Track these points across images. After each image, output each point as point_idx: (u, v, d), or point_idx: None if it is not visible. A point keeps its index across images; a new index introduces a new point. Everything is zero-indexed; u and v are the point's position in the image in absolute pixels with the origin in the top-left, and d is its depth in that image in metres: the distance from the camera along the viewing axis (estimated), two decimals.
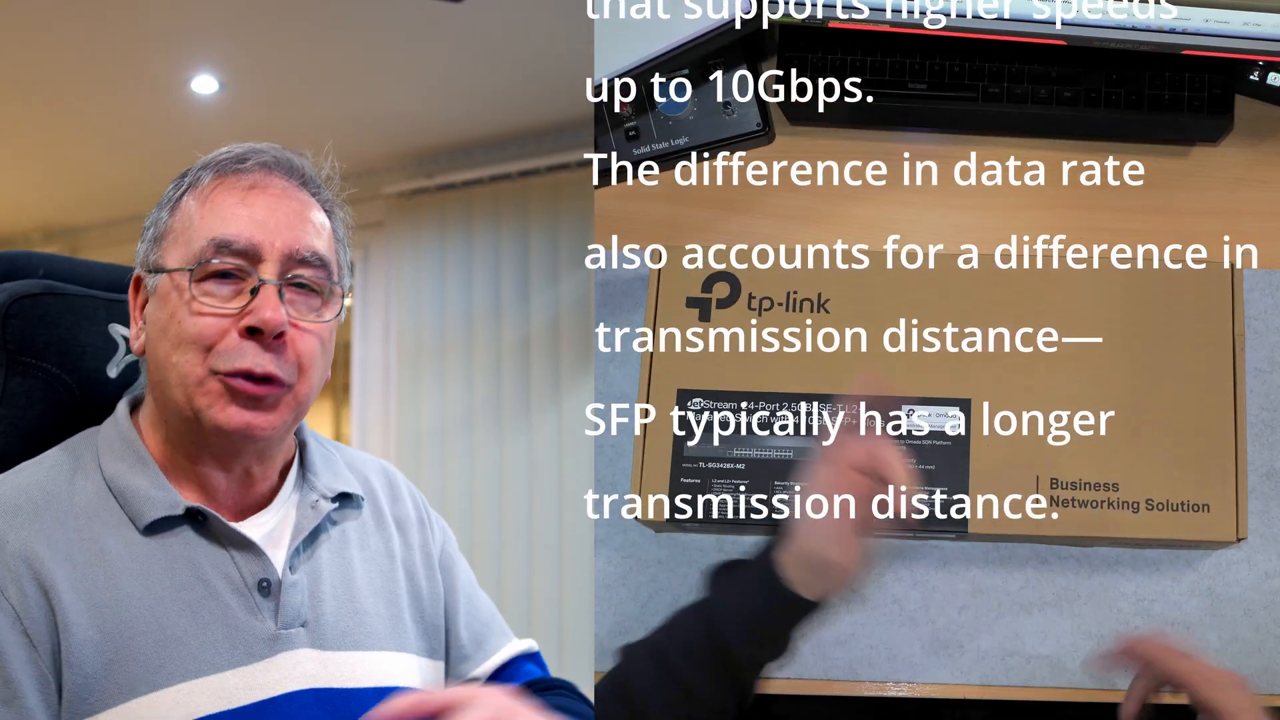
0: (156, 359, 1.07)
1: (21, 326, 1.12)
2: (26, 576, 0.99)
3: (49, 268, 1.19)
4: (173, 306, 1.05)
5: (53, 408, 1.13)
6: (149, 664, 1.00)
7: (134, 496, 1.05)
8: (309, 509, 1.13)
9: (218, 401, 1.04)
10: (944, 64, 1.48)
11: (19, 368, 1.11)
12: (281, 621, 1.07)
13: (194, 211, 1.08)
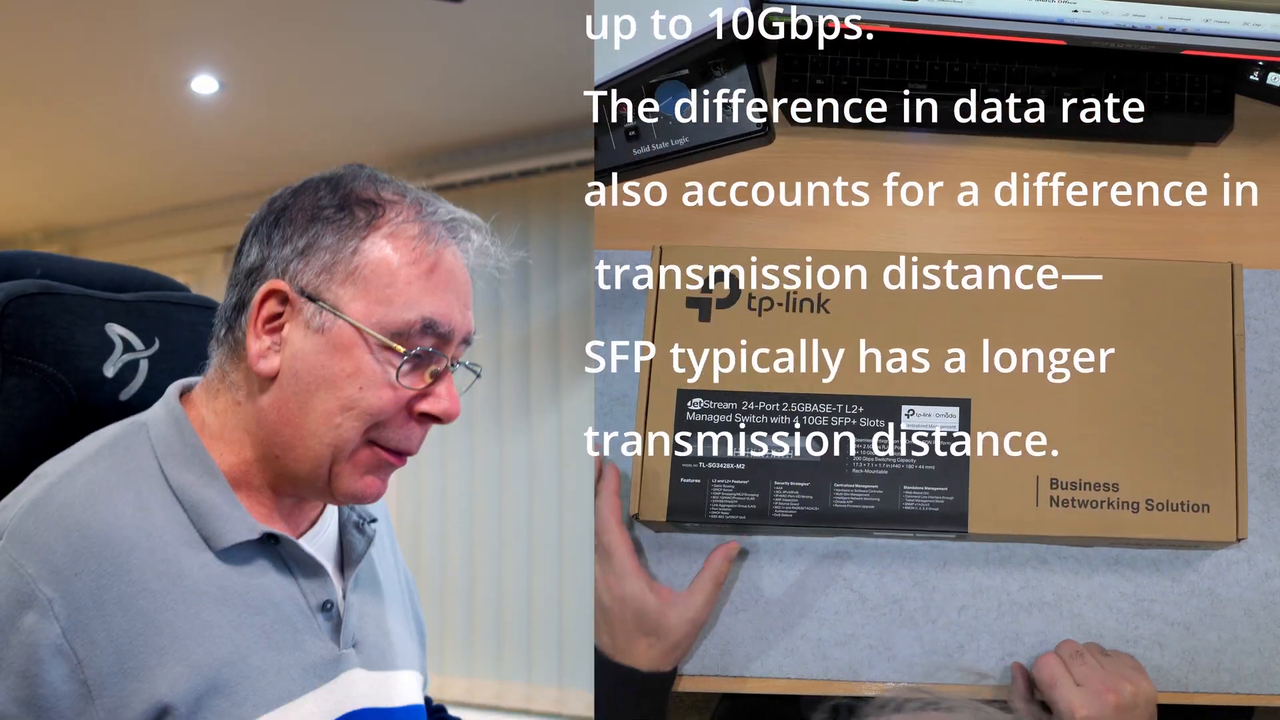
0: (307, 406, 0.98)
1: (18, 326, 1.11)
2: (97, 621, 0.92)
3: (46, 267, 1.19)
4: (354, 366, 0.98)
5: (49, 408, 1.12)
6: (235, 697, 0.95)
7: (210, 514, 0.99)
8: (355, 531, 1.10)
9: (358, 470, 1.00)
10: (944, 64, 1.48)
11: (15, 367, 1.11)
12: (342, 643, 1.05)
13: (396, 269, 0.99)
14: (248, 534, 1.00)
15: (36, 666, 0.90)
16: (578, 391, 3.37)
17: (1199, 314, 1.34)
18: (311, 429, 0.99)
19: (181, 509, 0.99)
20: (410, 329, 0.98)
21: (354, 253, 0.98)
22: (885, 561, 1.38)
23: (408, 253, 0.99)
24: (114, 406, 1.16)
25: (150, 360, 1.18)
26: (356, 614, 1.08)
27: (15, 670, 0.90)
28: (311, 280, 0.99)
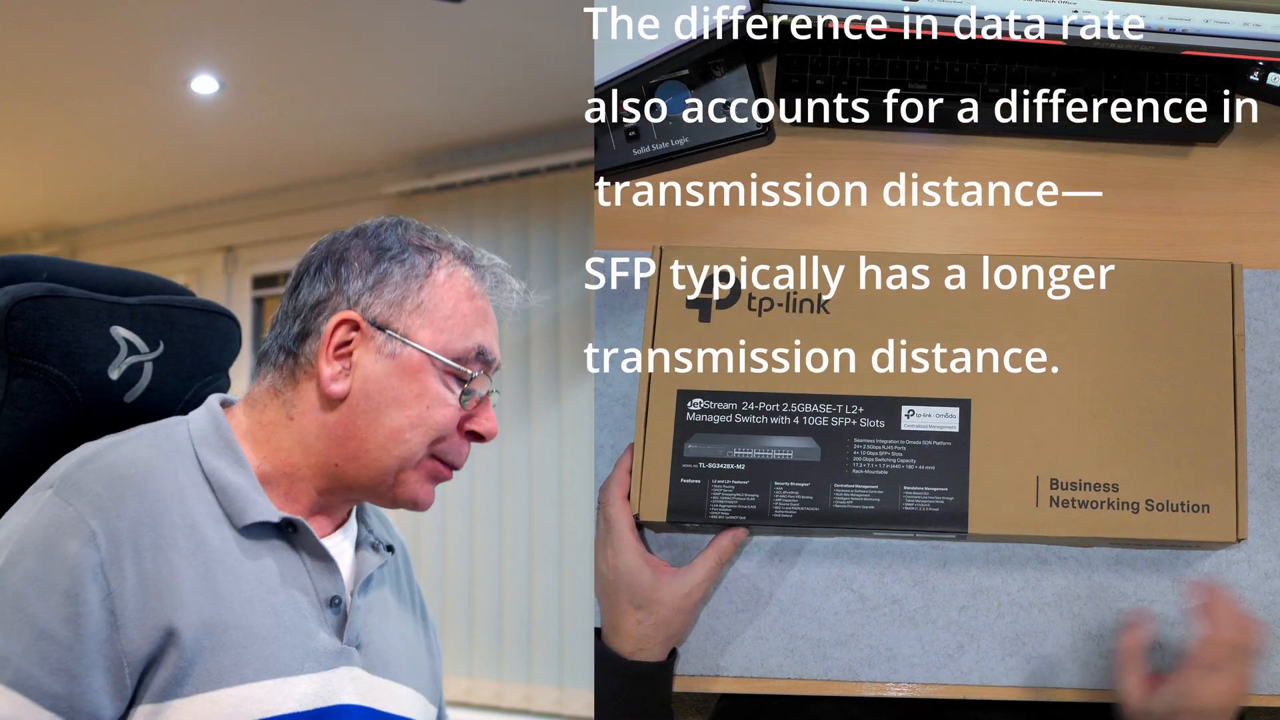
0: (378, 423, 1.11)
1: (24, 329, 1.12)
2: (131, 558, 1.01)
3: (52, 271, 1.19)
4: (421, 388, 1.11)
5: (55, 410, 1.13)
6: (238, 658, 1.04)
7: (236, 495, 1.09)
8: (370, 550, 1.19)
9: (421, 479, 1.14)
10: (944, 64, 1.48)
11: (21, 369, 1.12)
12: (346, 639, 1.12)
13: (459, 306, 1.14)
14: (268, 516, 1.09)
15: (78, 587, 0.99)
16: (578, 391, 3.37)
17: (1199, 314, 1.34)
18: (381, 442, 1.12)
19: (210, 488, 1.09)
20: (468, 355, 1.13)
21: (420, 289, 1.13)
22: (885, 561, 1.38)
23: (465, 292, 1.15)
24: (119, 409, 1.16)
25: (154, 363, 1.19)
26: (363, 617, 1.14)
27: (59, 590, 0.99)
28: (383, 311, 1.12)
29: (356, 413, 1.11)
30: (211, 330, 1.25)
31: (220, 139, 3.58)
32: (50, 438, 1.12)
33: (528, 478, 3.47)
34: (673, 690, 1.36)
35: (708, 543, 1.35)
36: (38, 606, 0.99)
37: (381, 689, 1.14)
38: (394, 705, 1.16)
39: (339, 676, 1.10)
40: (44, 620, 0.99)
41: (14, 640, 0.99)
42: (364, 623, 1.15)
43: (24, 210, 4.37)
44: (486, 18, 2.64)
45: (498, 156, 3.53)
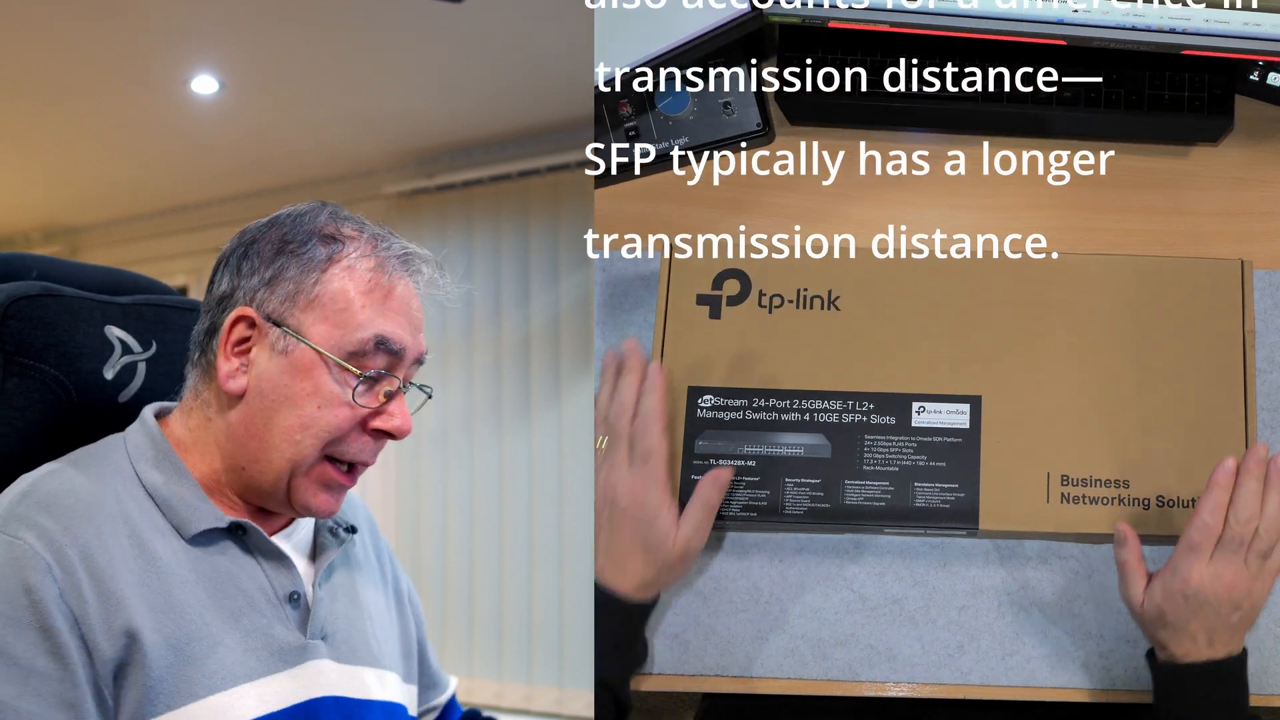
0: (269, 423, 1.08)
1: (20, 328, 1.11)
2: (87, 581, 1.00)
3: (42, 269, 1.19)
4: (313, 386, 1.07)
5: (50, 409, 1.13)
6: (204, 669, 1.04)
7: (179, 506, 1.08)
8: (330, 535, 1.18)
9: (314, 485, 1.10)
10: (944, 64, 1.48)
11: (17, 369, 1.11)
12: (309, 633, 1.11)
13: (353, 298, 1.09)
14: (214, 522, 1.08)
15: (48, 620, 0.98)
16: (578, 391, 3.37)
17: (1209, 311, 1.35)
18: (274, 444, 1.08)
19: (153, 503, 1.08)
20: (365, 348, 1.08)
21: (315, 283, 1.09)
22: (885, 561, 1.38)
23: (364, 284, 1.10)
24: (113, 408, 1.16)
25: (148, 363, 1.19)
26: (326, 608, 1.14)
27: (33, 626, 0.98)
28: (277, 307, 1.09)
29: (253, 412, 1.08)
30: None
31: (220, 139, 3.58)
32: (46, 438, 1.12)
33: (528, 478, 3.47)
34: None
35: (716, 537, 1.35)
36: (17, 646, 0.98)
37: (353, 676, 1.14)
38: (369, 691, 1.16)
39: (308, 672, 1.10)
40: (28, 658, 0.98)
41: (4, 684, 0.97)
42: (328, 613, 1.14)
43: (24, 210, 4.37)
44: (486, 18, 2.64)
45: (498, 156, 3.52)
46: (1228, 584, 1.19)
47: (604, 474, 1.25)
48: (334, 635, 1.14)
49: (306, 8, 2.70)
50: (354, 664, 1.15)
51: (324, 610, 1.14)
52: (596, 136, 1.52)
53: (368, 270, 1.10)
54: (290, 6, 2.69)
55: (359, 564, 1.23)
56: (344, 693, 1.13)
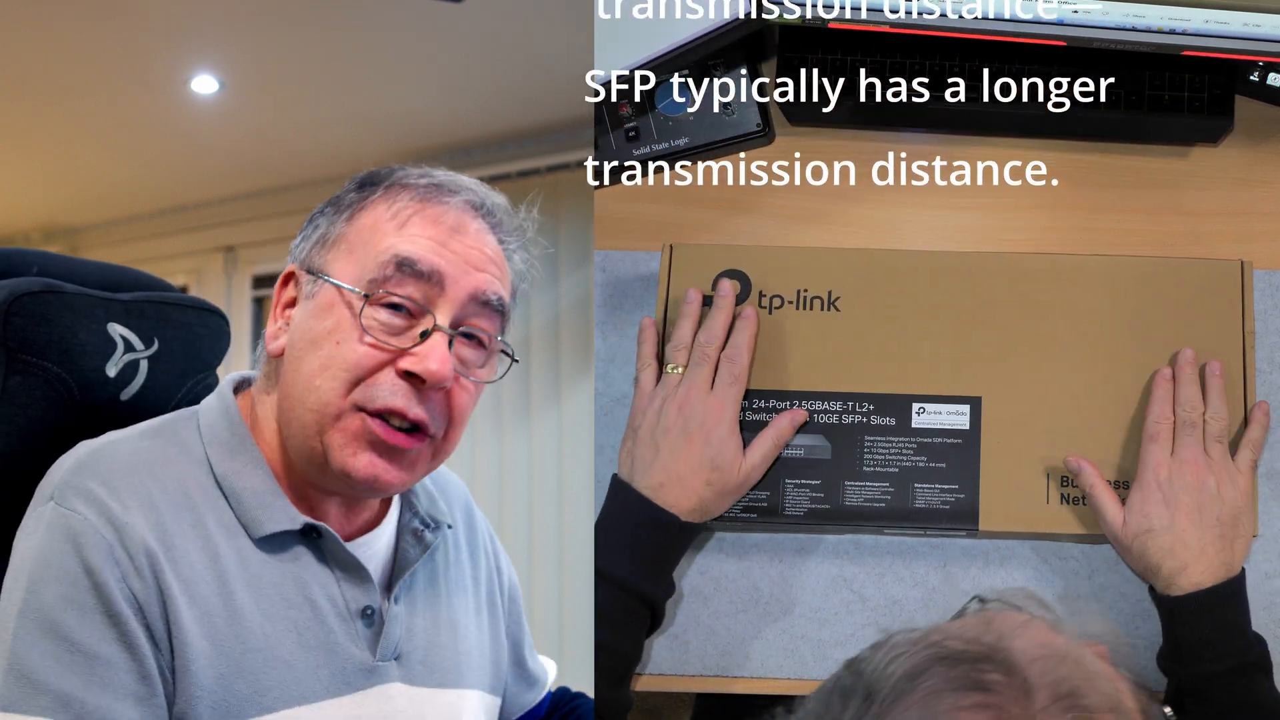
0: (297, 374, 0.97)
1: (23, 325, 1.11)
2: (147, 569, 0.91)
3: (43, 265, 1.19)
4: (333, 323, 0.97)
5: (52, 407, 1.12)
6: (258, 685, 0.94)
7: (251, 502, 0.98)
8: (412, 538, 1.08)
9: (352, 443, 0.97)
10: (944, 64, 1.48)
11: (19, 366, 1.11)
12: (379, 653, 1.02)
13: (382, 228, 0.98)
14: (288, 524, 0.99)
15: (114, 605, 0.90)
16: (578, 391, 3.36)
17: (1209, 311, 1.35)
18: (301, 397, 0.97)
19: (223, 496, 0.98)
20: (384, 271, 0.96)
21: (346, 221, 1.00)
22: (885, 561, 1.38)
23: (392, 211, 0.99)
24: (115, 406, 1.16)
25: (150, 360, 1.19)
26: (402, 626, 1.05)
27: (99, 611, 0.90)
28: (310, 256, 1.01)
29: (288, 368, 0.98)
30: (203, 328, 1.23)
31: (220, 139, 3.58)
32: (47, 436, 1.11)
33: (528, 478, 3.47)
34: None
35: (722, 540, 1.35)
36: (82, 632, 0.89)
37: (427, 701, 1.05)
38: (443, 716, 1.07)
39: (375, 697, 1.01)
40: (94, 645, 0.89)
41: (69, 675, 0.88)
42: (404, 630, 1.05)
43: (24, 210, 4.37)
44: (486, 18, 2.64)
45: (498, 156, 3.52)
46: (1194, 469, 1.25)
47: (677, 396, 1.28)
48: (409, 655, 1.04)
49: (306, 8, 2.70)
50: (429, 686, 1.06)
51: (399, 628, 1.04)
52: (596, 137, 1.52)
53: (400, 200, 0.99)
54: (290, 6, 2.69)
55: (448, 567, 1.13)
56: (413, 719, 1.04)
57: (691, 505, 1.26)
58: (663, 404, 1.28)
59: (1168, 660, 1.25)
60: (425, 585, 1.10)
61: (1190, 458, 1.26)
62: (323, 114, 3.35)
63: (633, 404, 1.32)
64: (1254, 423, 1.30)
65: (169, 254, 4.32)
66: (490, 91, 3.15)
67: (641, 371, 1.32)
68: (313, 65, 3.05)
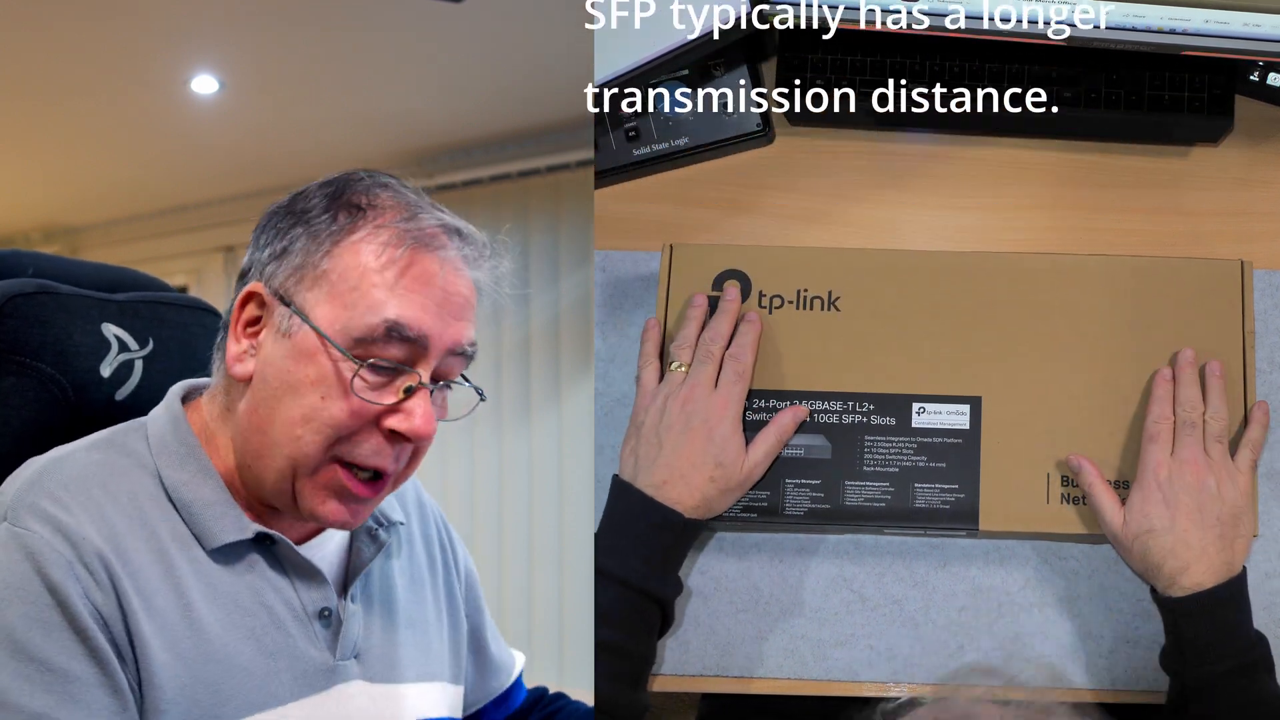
0: (272, 414, 0.96)
1: (17, 326, 1.11)
2: (107, 582, 0.91)
3: (38, 266, 1.18)
4: (316, 374, 0.95)
5: (46, 407, 1.12)
6: (220, 694, 0.94)
7: (202, 513, 0.98)
8: (366, 537, 1.07)
9: (322, 492, 0.97)
10: (944, 64, 1.48)
11: (13, 367, 1.10)
12: (339, 653, 1.03)
13: (368, 274, 0.95)
14: (239, 534, 0.99)
15: (79, 620, 0.89)
16: (578, 391, 3.37)
17: (1209, 311, 1.34)
18: (275, 438, 0.96)
19: (174, 507, 0.98)
20: (374, 334, 0.95)
21: (325, 255, 0.96)
22: (885, 561, 1.38)
23: (378, 256, 0.96)
24: (110, 407, 1.15)
25: (145, 361, 1.18)
26: (360, 624, 1.06)
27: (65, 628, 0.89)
28: (284, 283, 0.97)
29: (258, 401, 0.96)
30: (199, 328, 1.22)
31: (220, 139, 3.58)
32: (42, 437, 1.10)
33: (528, 478, 3.47)
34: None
35: (721, 540, 1.35)
36: (48, 650, 0.88)
37: (389, 697, 1.06)
38: (410, 710, 1.08)
39: (336, 697, 1.02)
40: (64, 663, 0.88)
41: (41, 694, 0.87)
42: (362, 629, 1.05)
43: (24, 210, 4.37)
44: (486, 18, 2.64)
45: (498, 156, 3.52)
46: (1194, 469, 1.25)
47: (681, 393, 1.29)
48: (368, 652, 1.05)
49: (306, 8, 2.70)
50: (390, 682, 1.06)
51: (357, 627, 1.04)
52: (596, 136, 1.52)
53: (384, 242, 0.96)
54: (290, 6, 2.69)
55: (402, 561, 1.13)
56: (376, 717, 1.04)
57: (695, 502, 1.26)
58: (666, 401, 1.29)
59: (1170, 660, 1.25)
60: (381, 582, 1.10)
61: (1190, 458, 1.26)
62: (323, 114, 3.35)
63: (636, 402, 1.32)
64: (1254, 422, 1.30)
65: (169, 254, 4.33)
66: (490, 91, 3.15)
67: (644, 370, 1.33)
68: (313, 65, 3.05)
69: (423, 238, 0.97)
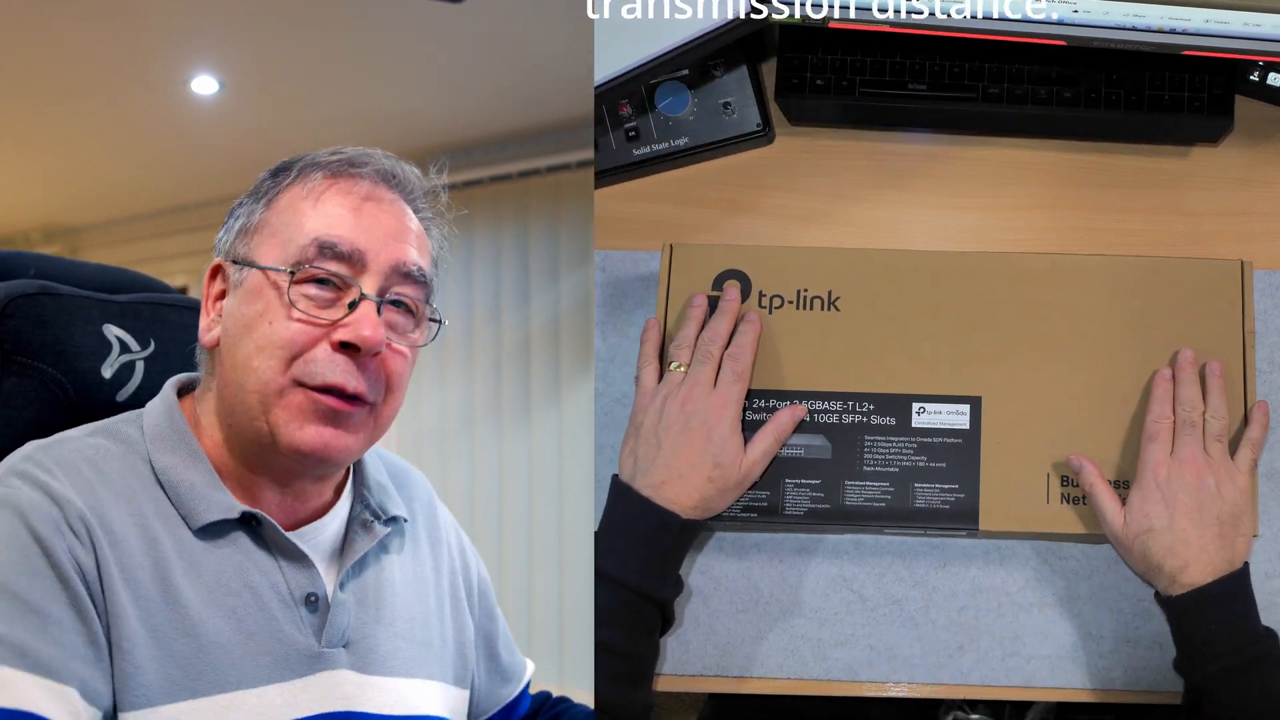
0: (234, 359, 1.00)
1: (18, 326, 1.11)
2: (89, 543, 0.94)
3: (40, 267, 1.19)
4: (263, 305, 0.99)
5: (48, 408, 1.12)
6: (191, 669, 0.96)
7: (188, 494, 1.00)
8: (361, 529, 1.09)
9: (297, 417, 0.99)
10: (944, 64, 1.48)
11: (15, 368, 1.11)
12: (325, 640, 1.03)
13: (299, 208, 1.02)
14: (224, 513, 1.00)
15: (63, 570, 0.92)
16: (578, 391, 3.37)
17: (1209, 311, 1.35)
18: (241, 381, 1.00)
19: (162, 489, 1.00)
20: (306, 255, 0.99)
21: (264, 208, 1.03)
22: (885, 561, 1.38)
23: (307, 192, 1.03)
24: (111, 407, 1.16)
25: (146, 361, 1.19)
26: (350, 614, 1.06)
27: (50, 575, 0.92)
28: (233, 247, 1.04)
29: (224, 354, 1.01)
30: None
31: (220, 139, 3.57)
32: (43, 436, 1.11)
33: (528, 478, 3.47)
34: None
35: (721, 540, 1.35)
36: (34, 593, 0.91)
37: (379, 689, 1.06)
38: (400, 704, 1.08)
39: (320, 683, 1.02)
40: (45, 605, 0.91)
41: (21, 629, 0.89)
42: (352, 618, 1.06)
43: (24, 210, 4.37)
44: (486, 18, 2.64)
45: (498, 156, 3.52)
46: (1194, 468, 1.25)
47: (680, 393, 1.29)
48: (359, 643, 1.05)
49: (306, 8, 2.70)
50: (381, 674, 1.07)
51: (346, 616, 1.05)
52: (596, 136, 1.52)
53: (314, 180, 1.03)
54: (290, 6, 2.69)
55: (405, 558, 1.14)
56: (364, 708, 1.04)
57: (693, 502, 1.26)
58: (665, 401, 1.29)
59: (1179, 662, 1.25)
60: (378, 576, 1.11)
61: (1190, 457, 1.26)
62: (323, 114, 3.35)
63: (635, 402, 1.32)
64: (1254, 422, 1.30)
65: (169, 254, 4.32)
66: (490, 91, 3.15)
67: (643, 369, 1.33)
68: (313, 65, 3.05)
69: (344, 163, 1.04)
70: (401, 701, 1.09)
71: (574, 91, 1.95)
